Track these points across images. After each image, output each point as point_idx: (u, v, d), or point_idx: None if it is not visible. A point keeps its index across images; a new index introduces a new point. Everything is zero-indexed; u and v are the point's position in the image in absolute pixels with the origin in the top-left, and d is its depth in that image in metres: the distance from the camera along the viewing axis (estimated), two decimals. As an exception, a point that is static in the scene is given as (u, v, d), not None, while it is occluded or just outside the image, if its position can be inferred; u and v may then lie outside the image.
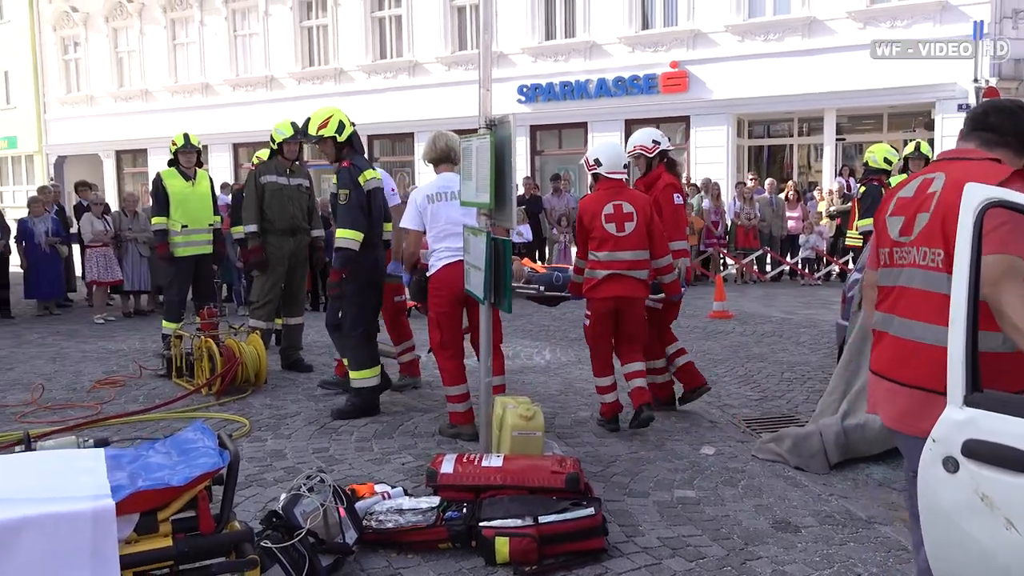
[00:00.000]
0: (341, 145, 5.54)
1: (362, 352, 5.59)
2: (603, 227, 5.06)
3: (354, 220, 5.29)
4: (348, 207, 5.28)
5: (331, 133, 5.50)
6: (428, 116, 19.25)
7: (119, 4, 23.59)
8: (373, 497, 3.74)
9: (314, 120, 5.56)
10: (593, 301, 5.17)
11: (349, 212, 5.28)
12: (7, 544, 1.82)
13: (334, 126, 5.50)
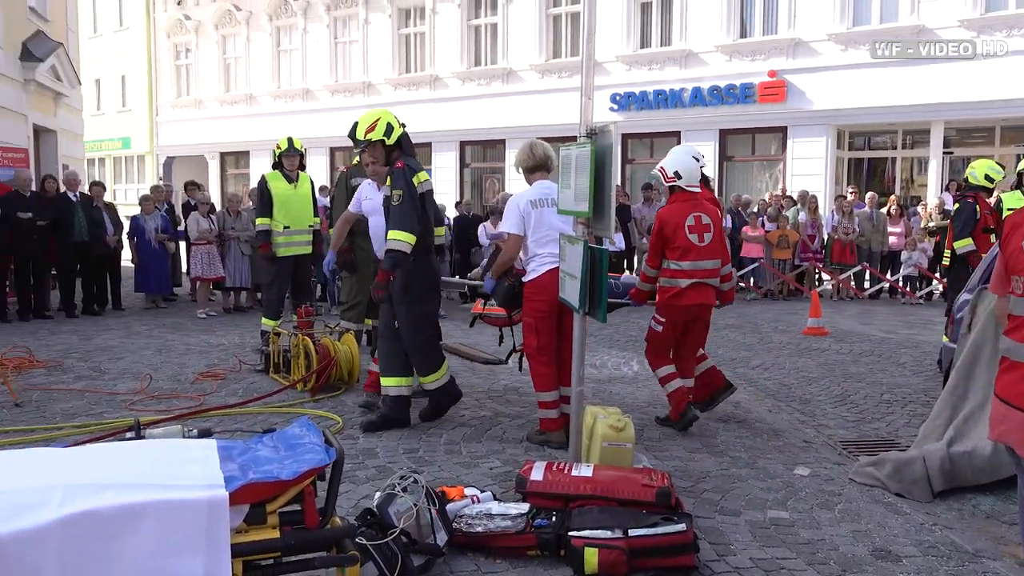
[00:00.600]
0: (391, 148, 5.35)
1: (434, 354, 5.50)
2: (686, 237, 5.33)
3: (407, 222, 5.09)
4: (402, 208, 5.09)
5: (379, 136, 5.29)
6: (520, 123, 19.39)
7: (228, 12, 24.61)
8: (463, 500, 3.78)
9: (361, 124, 5.35)
10: (674, 308, 5.42)
11: (403, 213, 5.09)
12: (129, 527, 1.92)
13: (382, 129, 5.30)
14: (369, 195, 6.03)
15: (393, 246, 5.08)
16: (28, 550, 1.83)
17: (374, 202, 5.83)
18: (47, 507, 1.88)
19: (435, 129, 20.56)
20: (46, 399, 6.33)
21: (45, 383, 6.87)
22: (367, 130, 5.29)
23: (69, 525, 1.86)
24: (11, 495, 1.92)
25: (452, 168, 21.24)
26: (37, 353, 8.01)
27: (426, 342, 5.43)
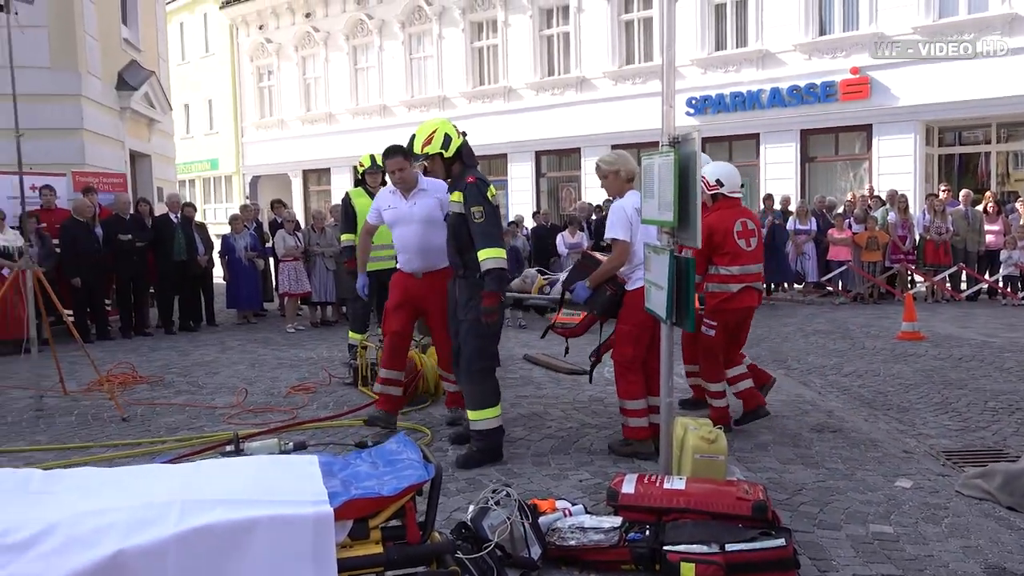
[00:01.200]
0: (450, 161, 5.06)
1: (488, 388, 5.07)
2: (735, 242, 5.48)
3: (496, 237, 4.92)
4: (487, 224, 4.87)
5: (436, 150, 5.01)
6: (595, 131, 19.36)
7: (307, 34, 25.34)
8: (555, 513, 3.78)
9: (418, 137, 5.10)
10: (726, 312, 5.54)
11: (489, 230, 4.87)
12: (241, 542, 1.99)
13: (439, 141, 5.02)
14: (392, 204, 5.65)
15: (492, 264, 4.82)
16: (149, 564, 1.92)
17: (398, 211, 5.58)
18: (166, 523, 1.96)
19: (510, 140, 20.70)
20: (150, 413, 6.61)
21: (148, 398, 7.17)
22: (423, 143, 5.05)
23: (186, 540, 1.94)
24: (132, 511, 2.01)
25: (528, 179, 21.33)
26: (140, 369, 8.38)
27: (486, 369, 5.05)
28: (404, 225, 5.54)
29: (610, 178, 5.17)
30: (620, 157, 5.25)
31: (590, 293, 5.14)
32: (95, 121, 13.39)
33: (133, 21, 15.99)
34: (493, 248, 4.85)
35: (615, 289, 5.10)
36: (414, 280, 5.59)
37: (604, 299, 5.13)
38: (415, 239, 5.50)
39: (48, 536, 1.93)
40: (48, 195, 10.83)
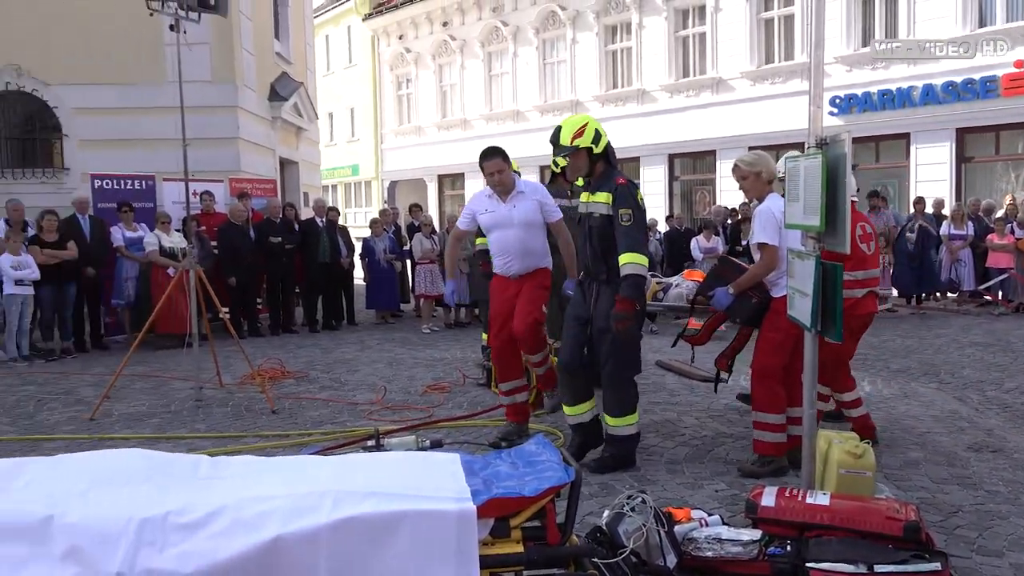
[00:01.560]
0: (596, 158, 4.89)
1: (630, 395, 4.99)
2: (859, 247, 5.25)
3: (641, 242, 4.77)
4: (634, 228, 4.72)
5: (587, 143, 4.83)
6: (731, 133, 18.87)
7: (444, 43, 26.01)
8: (690, 523, 3.71)
9: (567, 128, 4.89)
10: (853, 319, 5.20)
11: (635, 233, 4.73)
12: (389, 534, 2.07)
13: (590, 135, 4.83)
14: (490, 208, 5.46)
15: (633, 270, 4.65)
16: (304, 549, 2.03)
17: (497, 215, 5.42)
18: (320, 512, 2.08)
19: (643, 143, 20.48)
20: (296, 407, 6.97)
21: (295, 392, 7.57)
22: (574, 135, 4.84)
23: (338, 529, 2.05)
24: (290, 499, 2.14)
25: (661, 182, 21.04)
26: (287, 365, 8.85)
27: (630, 376, 4.97)
28: (504, 229, 5.42)
29: (750, 179, 4.97)
30: (761, 158, 5.06)
31: (732, 300, 4.91)
32: (249, 130, 14.26)
33: (284, 35, 16.93)
34: (636, 253, 4.67)
35: (760, 296, 4.88)
36: (512, 282, 5.54)
37: (749, 306, 4.91)
38: (516, 243, 5.41)
39: (217, 518, 2.08)
40: (208, 200, 11.62)
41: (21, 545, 2.01)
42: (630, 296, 4.66)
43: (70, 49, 13.17)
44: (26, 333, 9.88)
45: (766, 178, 4.94)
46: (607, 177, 4.86)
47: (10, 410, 7.11)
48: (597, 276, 4.95)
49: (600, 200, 4.83)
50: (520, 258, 5.46)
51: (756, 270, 4.86)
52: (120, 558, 1.99)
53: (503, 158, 5.34)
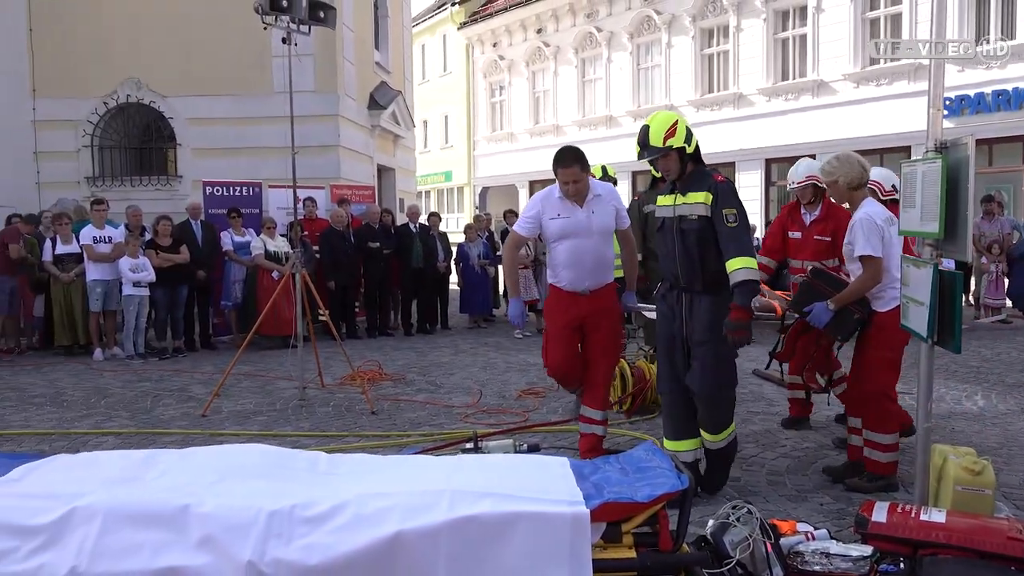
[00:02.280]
0: (687, 158, 4.45)
1: (730, 410, 4.65)
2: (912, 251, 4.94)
3: (749, 245, 4.33)
4: (741, 229, 4.29)
5: (680, 143, 4.38)
6: (831, 137, 18.29)
7: (538, 49, 26.16)
8: (796, 536, 3.62)
9: (656, 128, 4.41)
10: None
11: (743, 235, 4.31)
12: (504, 534, 2.12)
13: (682, 134, 4.40)
14: (563, 212, 4.84)
15: (746, 275, 4.21)
16: (424, 546, 2.10)
17: (573, 221, 4.80)
18: (439, 509, 2.14)
19: (739, 148, 20.10)
20: (395, 408, 7.13)
21: (392, 394, 7.74)
22: (666, 134, 4.37)
23: (457, 527, 2.10)
24: (408, 496, 2.21)
25: (757, 187, 20.58)
26: (384, 367, 9.06)
27: (728, 393, 4.58)
28: (580, 237, 4.82)
29: (832, 188, 4.72)
30: (841, 163, 4.64)
31: (832, 315, 4.59)
32: (350, 138, 14.68)
33: (384, 45, 17.36)
34: (746, 257, 4.24)
35: (862, 311, 4.60)
36: (582, 300, 4.91)
37: (851, 322, 4.60)
38: (592, 254, 4.84)
39: (339, 513, 2.16)
40: (311, 206, 12.02)
41: (161, 531, 2.14)
42: (746, 304, 4.24)
43: (185, 63, 13.86)
44: (142, 332, 10.44)
45: (845, 184, 4.59)
46: (701, 176, 4.45)
47: (129, 405, 7.52)
48: (691, 286, 4.50)
49: (697, 200, 4.38)
50: (594, 272, 4.90)
51: (860, 284, 4.52)
52: (251, 547, 2.10)
53: (582, 167, 4.74)
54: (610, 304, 5.03)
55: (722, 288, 4.35)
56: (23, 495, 2.29)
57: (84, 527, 2.15)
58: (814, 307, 4.64)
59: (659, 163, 4.47)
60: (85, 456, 2.65)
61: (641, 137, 4.47)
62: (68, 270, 10.36)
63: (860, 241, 4.47)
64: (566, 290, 4.93)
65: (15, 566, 2.11)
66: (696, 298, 4.48)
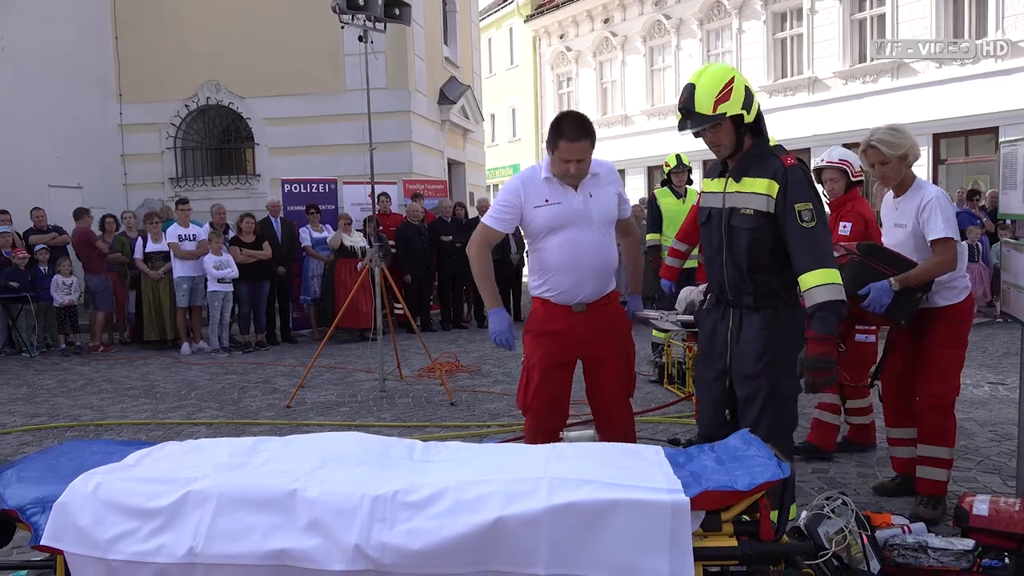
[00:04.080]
0: (744, 130, 3.32)
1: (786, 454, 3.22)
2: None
3: (829, 252, 3.22)
4: (820, 230, 3.19)
5: (737, 110, 3.25)
6: (914, 119, 17.65)
7: (605, 39, 25.98)
8: (891, 529, 3.55)
9: (706, 88, 3.25)
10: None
11: (822, 239, 3.20)
12: (604, 521, 2.13)
13: (740, 96, 3.25)
14: (554, 197, 3.69)
15: (827, 295, 3.11)
16: (524, 532, 2.12)
17: (568, 208, 3.68)
18: (538, 496, 2.16)
19: (814, 133, 19.58)
20: (473, 399, 7.21)
21: (470, 385, 7.82)
22: (719, 97, 3.23)
23: (557, 514, 2.12)
24: (507, 483, 2.24)
25: (834, 173, 20.03)
26: (460, 358, 9.16)
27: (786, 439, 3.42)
28: (577, 228, 3.69)
29: (892, 164, 3.99)
30: (905, 135, 4.02)
31: (893, 297, 3.87)
32: (421, 134, 14.87)
33: (452, 40, 17.51)
34: (827, 269, 3.13)
35: (925, 290, 3.98)
36: (578, 318, 3.73)
37: (914, 301, 3.93)
38: (593, 250, 3.70)
39: (440, 499, 2.21)
40: (384, 201, 12.22)
41: (271, 515, 2.22)
42: (828, 333, 3.13)
43: (260, 64, 14.24)
44: (226, 326, 10.79)
45: (914, 158, 4.03)
46: (763, 157, 3.31)
47: (217, 396, 7.79)
48: (739, 301, 3.40)
49: (756, 190, 3.27)
50: (596, 275, 3.74)
51: (935, 266, 3.88)
52: (356, 531, 2.16)
53: (592, 143, 3.64)
54: (616, 320, 3.85)
55: (781, 304, 3.34)
56: (140, 479, 2.40)
57: (199, 510, 2.25)
58: (871, 288, 3.87)
59: (707, 135, 3.35)
60: (192, 443, 2.76)
61: (685, 100, 3.31)
62: (157, 268, 10.77)
63: (939, 222, 3.87)
64: (557, 303, 3.74)
65: (137, 546, 2.22)
66: (744, 316, 3.39)
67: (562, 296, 3.73)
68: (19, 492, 2.40)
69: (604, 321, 3.77)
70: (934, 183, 16.93)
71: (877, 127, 4.11)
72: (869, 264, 3.96)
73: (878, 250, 4.07)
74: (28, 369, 9.64)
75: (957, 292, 4.03)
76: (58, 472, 2.51)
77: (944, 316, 4.00)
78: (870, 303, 3.86)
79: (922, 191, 3.99)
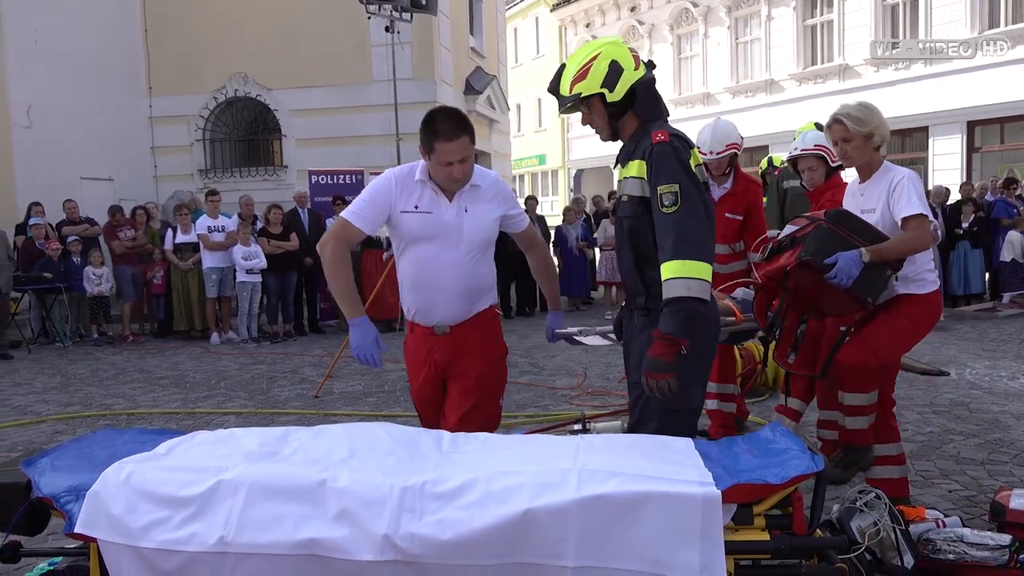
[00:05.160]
0: (616, 109, 3.01)
1: None
2: None
3: (695, 239, 2.78)
4: (683, 214, 2.79)
5: (594, 89, 2.97)
6: (945, 107, 17.41)
7: (632, 28, 25.80)
8: (925, 523, 3.49)
9: (569, 66, 3.07)
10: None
11: (685, 224, 2.78)
12: (634, 514, 2.11)
13: (599, 75, 2.96)
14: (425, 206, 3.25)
15: (681, 290, 2.73)
16: (553, 523, 2.11)
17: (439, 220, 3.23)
18: (567, 488, 2.15)
19: (845, 122, 19.32)
20: (499, 390, 7.20)
21: (497, 376, 7.82)
22: (576, 77, 3.00)
23: (586, 506, 2.10)
24: (536, 474, 2.23)
25: (864, 162, 19.76)
26: (487, 349, 9.15)
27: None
28: (442, 245, 3.24)
29: (855, 142, 3.67)
30: (874, 113, 3.70)
31: (862, 269, 3.49)
32: (447, 124, 14.86)
33: (478, 30, 17.47)
34: (688, 261, 2.75)
35: (896, 267, 3.63)
36: (437, 342, 3.34)
37: (884, 279, 3.58)
38: (454, 272, 3.25)
39: (470, 489, 2.20)
40: (411, 192, 12.23)
41: (301, 505, 2.23)
42: (673, 332, 2.75)
43: (287, 56, 14.30)
44: (255, 317, 10.89)
45: (881, 140, 3.72)
46: (641, 137, 2.98)
47: (246, 386, 7.86)
48: (632, 301, 3.14)
49: (631, 174, 2.97)
50: (453, 299, 3.29)
51: (909, 241, 3.54)
52: (386, 522, 2.16)
53: (472, 138, 3.22)
54: (484, 344, 3.38)
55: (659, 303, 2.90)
56: (172, 468, 2.42)
57: (229, 499, 2.26)
58: (839, 257, 3.49)
59: (583, 118, 3.13)
60: (223, 432, 2.77)
61: (551, 81, 3.14)
62: (186, 259, 10.88)
63: (912, 198, 3.55)
64: (422, 324, 3.36)
65: (169, 534, 2.24)
66: (638, 319, 3.09)
67: (418, 316, 3.36)
68: (53, 480, 2.43)
69: (467, 344, 3.32)
70: (967, 171, 16.70)
71: (846, 102, 3.83)
72: (838, 233, 3.59)
73: (848, 218, 3.67)
74: (62, 359, 9.80)
75: (923, 284, 3.69)
76: (91, 460, 2.54)
77: (908, 299, 3.68)
78: (836, 273, 3.48)
79: (891, 172, 3.70)
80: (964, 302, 11.74)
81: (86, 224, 11.57)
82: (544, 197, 31.49)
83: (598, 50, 3.00)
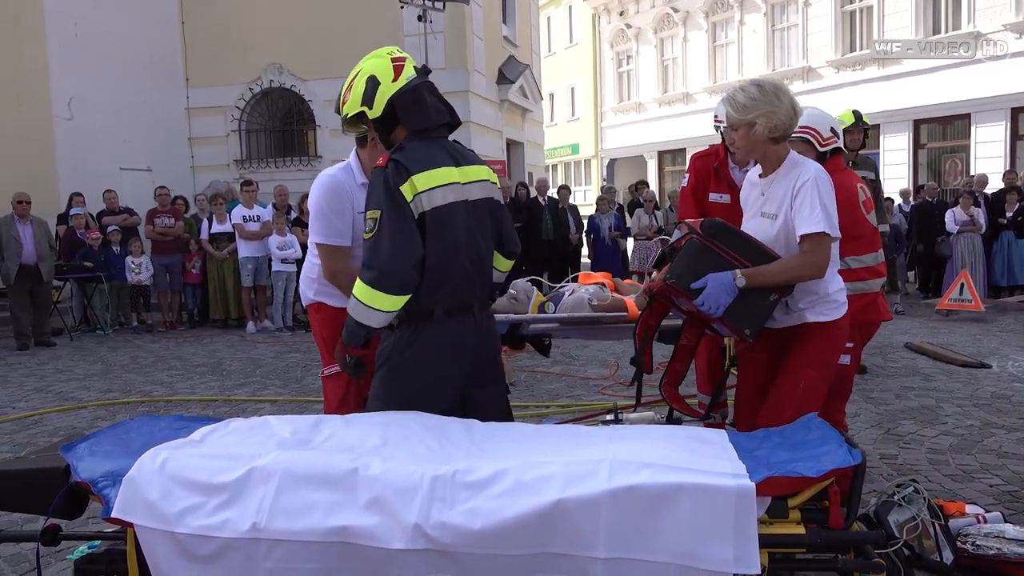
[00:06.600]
0: (383, 124, 2.94)
1: None
2: (867, 219, 3.91)
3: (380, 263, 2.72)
4: (377, 239, 2.74)
5: (356, 108, 2.94)
6: (989, 93, 16.97)
7: (666, 15, 25.51)
8: (966, 518, 3.42)
9: (342, 89, 3.05)
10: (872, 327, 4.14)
11: (375, 247, 2.74)
12: (667, 505, 2.09)
13: (358, 94, 2.92)
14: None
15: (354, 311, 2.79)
16: (584, 514, 2.10)
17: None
18: (598, 478, 2.13)
19: (884, 109, 18.94)
20: (531, 380, 7.20)
21: (529, 366, 7.81)
22: (342, 98, 3.03)
23: (618, 497, 2.09)
24: (568, 465, 2.21)
25: (904, 151, 19.37)
26: (519, 339, 9.15)
27: None
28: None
29: (741, 132, 3.00)
30: (765, 95, 2.95)
31: (736, 295, 2.91)
32: (480, 113, 14.84)
33: (511, 19, 17.41)
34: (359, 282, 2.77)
35: (782, 293, 3.01)
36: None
37: (765, 307, 2.98)
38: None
39: (501, 479, 2.19)
40: (444, 182, 12.26)
41: (333, 492, 2.24)
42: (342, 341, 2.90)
43: (321, 46, 14.37)
44: (290, 306, 10.98)
45: (766, 130, 2.95)
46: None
47: (281, 374, 7.94)
48: None
49: None
50: None
51: (800, 267, 2.94)
52: (416, 510, 2.16)
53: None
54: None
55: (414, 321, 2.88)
56: (207, 455, 2.45)
57: (262, 486, 2.28)
58: (708, 281, 2.93)
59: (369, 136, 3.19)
60: (257, 420, 2.80)
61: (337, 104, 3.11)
62: (222, 248, 11.01)
63: (814, 210, 2.90)
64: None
65: (202, 520, 2.27)
66: None
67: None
68: (91, 465, 2.47)
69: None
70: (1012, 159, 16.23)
71: (742, 82, 3.19)
72: (712, 249, 3.00)
73: (727, 232, 3.05)
74: (102, 346, 9.98)
75: (835, 308, 3.07)
76: (128, 447, 2.57)
77: (814, 331, 3.05)
78: (704, 300, 2.91)
79: (796, 171, 3.00)
80: (1007, 293, 11.49)
81: (125, 214, 11.76)
82: (577, 187, 31.32)
83: (360, 67, 2.97)
